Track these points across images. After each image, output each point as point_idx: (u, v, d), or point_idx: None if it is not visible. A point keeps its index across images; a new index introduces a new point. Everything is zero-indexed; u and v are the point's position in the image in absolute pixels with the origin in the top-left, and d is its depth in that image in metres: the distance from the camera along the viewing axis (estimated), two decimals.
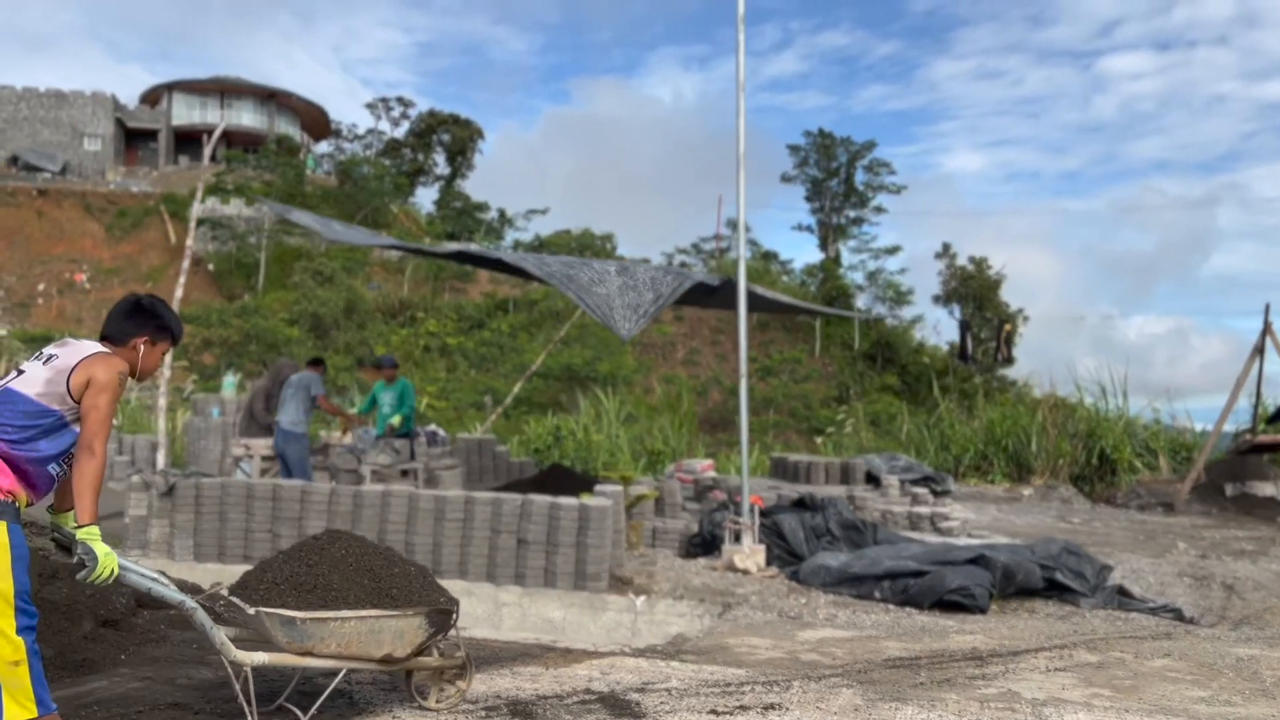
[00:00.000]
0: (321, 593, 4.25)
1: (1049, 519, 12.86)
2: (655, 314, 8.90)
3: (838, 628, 6.95)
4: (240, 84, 63.01)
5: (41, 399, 3.77)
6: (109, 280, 53.17)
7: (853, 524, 8.81)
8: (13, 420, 3.74)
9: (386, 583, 4.39)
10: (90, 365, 3.83)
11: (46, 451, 3.80)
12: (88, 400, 3.81)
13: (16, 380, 3.84)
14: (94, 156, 57.87)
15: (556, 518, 7.71)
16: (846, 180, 55.73)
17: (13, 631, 3.64)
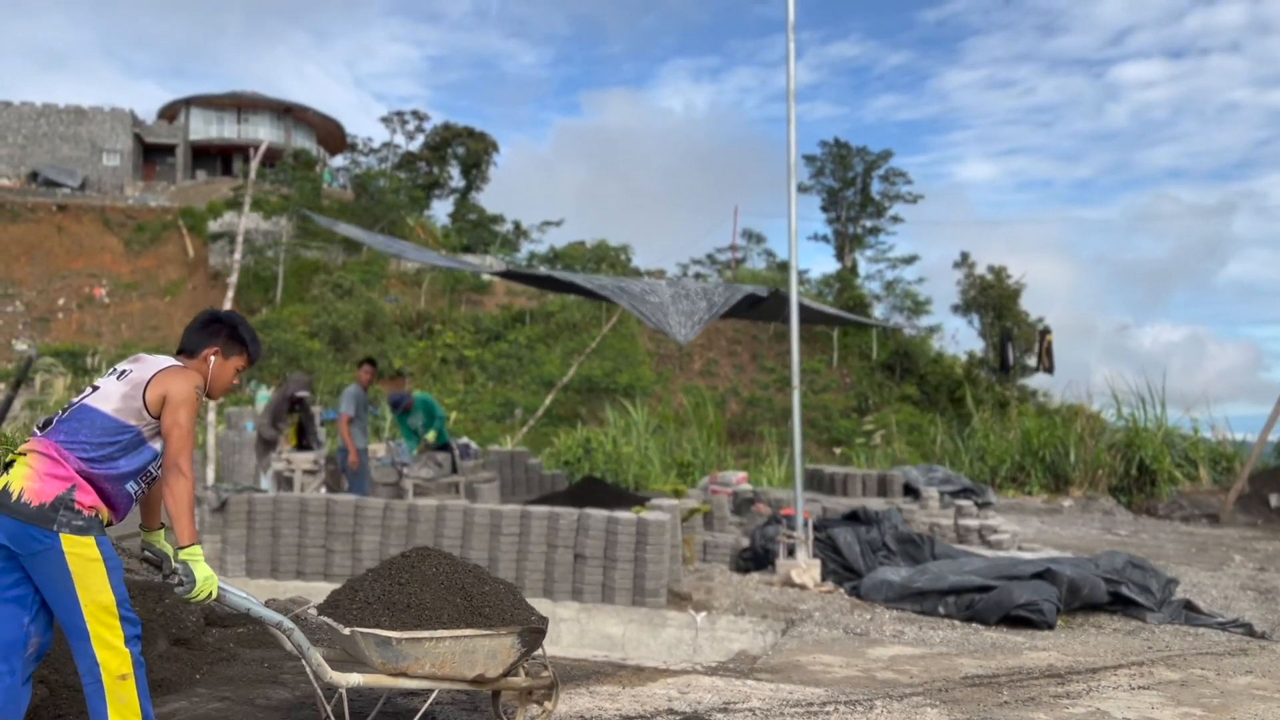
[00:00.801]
0: (415, 612, 4.16)
1: (1094, 531, 12.71)
2: (709, 321, 8.84)
3: (906, 644, 6.83)
4: (257, 99, 63.29)
5: (118, 415, 3.71)
6: (128, 295, 53.37)
7: (909, 538, 8.69)
8: (90, 438, 3.68)
9: (478, 601, 4.30)
10: (165, 379, 3.77)
11: (125, 469, 3.74)
12: (167, 417, 3.74)
13: (92, 397, 3.78)
14: (113, 172, 58.15)
15: (614, 532, 7.61)
16: (863, 190, 55.62)
17: (121, 642, 3.59)
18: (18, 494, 3.55)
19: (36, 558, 3.54)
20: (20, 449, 3.73)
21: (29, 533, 3.52)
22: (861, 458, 21.94)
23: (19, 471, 3.62)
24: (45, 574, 3.57)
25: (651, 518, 7.59)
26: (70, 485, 3.58)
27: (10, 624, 3.67)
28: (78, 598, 3.56)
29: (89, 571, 3.57)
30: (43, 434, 3.71)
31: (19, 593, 3.66)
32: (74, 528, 3.55)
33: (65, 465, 3.60)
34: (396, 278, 53.70)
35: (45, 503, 3.54)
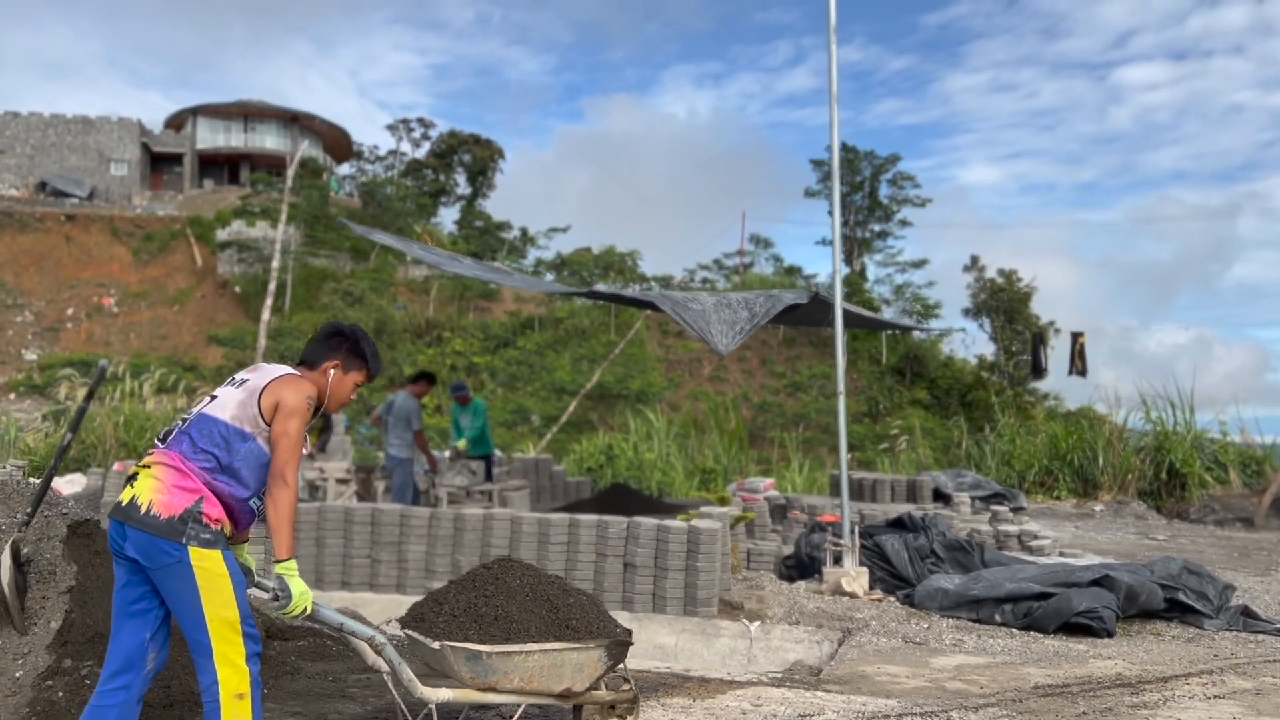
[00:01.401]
0: (503, 624, 4.07)
1: (1130, 535, 12.60)
2: (750, 331, 8.74)
3: (968, 653, 6.73)
4: (264, 107, 63.27)
5: (235, 422, 3.65)
6: (136, 304, 53.34)
7: (958, 545, 8.58)
8: (211, 446, 3.62)
9: (564, 613, 4.21)
10: (279, 387, 3.71)
11: (246, 484, 3.66)
12: (277, 425, 3.68)
13: (210, 405, 3.73)
14: (120, 181, 58.15)
15: (665, 541, 7.52)
16: (871, 194, 55.56)
17: (242, 660, 3.53)
18: (146, 507, 3.50)
19: (165, 571, 3.49)
20: (144, 461, 3.67)
21: (159, 546, 3.47)
22: (885, 463, 21.80)
23: (146, 484, 3.56)
24: (172, 588, 3.51)
25: (703, 525, 7.49)
26: (198, 497, 3.53)
27: (132, 638, 3.61)
28: (203, 612, 3.50)
29: (215, 586, 3.51)
30: (165, 445, 3.65)
31: (143, 607, 3.62)
32: (201, 541, 3.49)
33: (192, 477, 3.55)
34: (404, 285, 53.69)
35: (174, 515, 3.48)
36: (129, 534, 3.52)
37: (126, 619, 3.64)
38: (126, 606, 3.64)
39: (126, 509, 3.55)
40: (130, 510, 3.53)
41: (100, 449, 14.71)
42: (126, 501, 3.57)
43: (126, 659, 3.64)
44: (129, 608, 3.64)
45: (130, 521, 3.51)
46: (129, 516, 3.52)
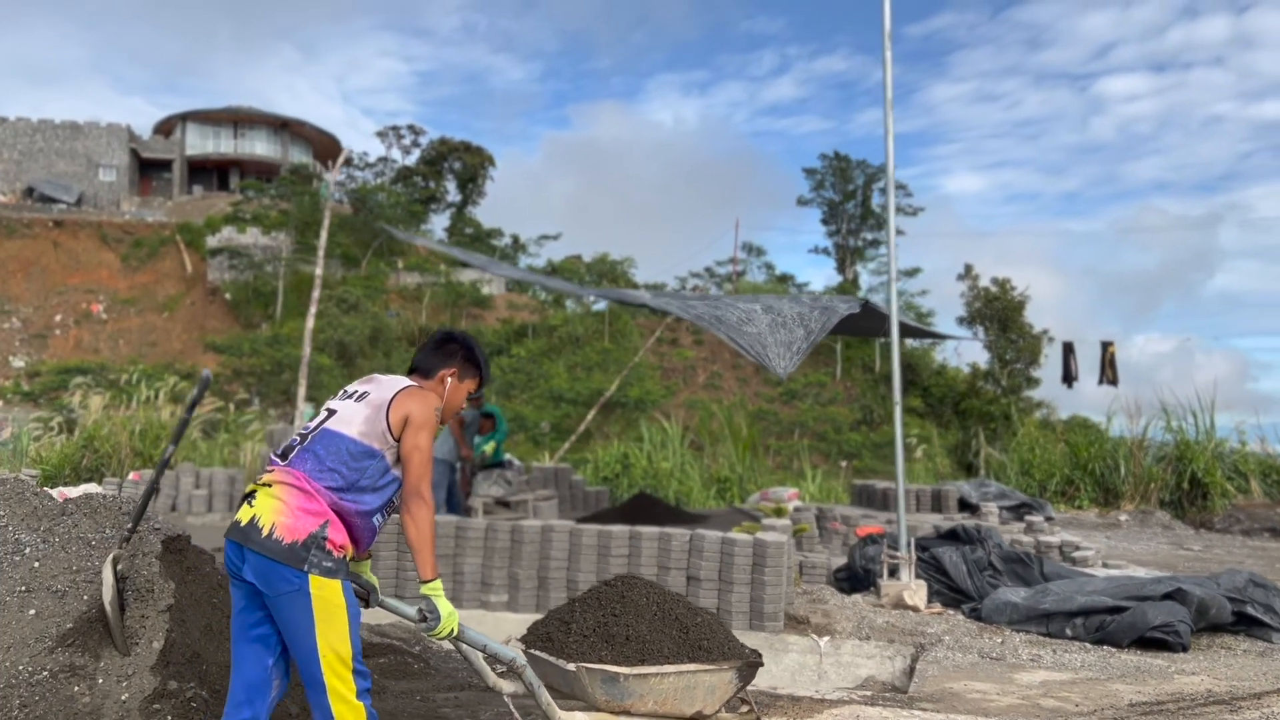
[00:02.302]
0: (635, 645, 3.93)
1: (1164, 546, 12.54)
2: (808, 350, 8.56)
3: (1047, 669, 6.61)
4: (253, 114, 62.96)
5: (364, 438, 3.48)
6: (125, 310, 52.90)
7: (1017, 557, 8.47)
8: (338, 465, 3.44)
9: (694, 633, 4.07)
10: (405, 401, 3.55)
11: (370, 500, 3.50)
12: (409, 440, 3.52)
13: (333, 421, 3.55)
14: (109, 187, 57.71)
15: (730, 554, 7.38)
16: (863, 203, 55.66)
17: (354, 695, 3.35)
18: (268, 529, 3.31)
19: (283, 599, 3.30)
20: (262, 479, 3.50)
21: (280, 572, 3.28)
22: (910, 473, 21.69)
23: (267, 504, 3.37)
24: (289, 616, 3.32)
25: (770, 539, 7.36)
26: (323, 521, 3.35)
27: (255, 665, 3.44)
28: (317, 645, 3.32)
29: (332, 618, 3.33)
30: (286, 463, 3.47)
31: (263, 632, 3.43)
32: (323, 569, 3.31)
33: (318, 499, 3.36)
34: (396, 292, 53.47)
35: (297, 540, 3.29)
36: (248, 557, 3.35)
37: (248, 645, 3.47)
38: (246, 631, 3.48)
39: (246, 530, 3.37)
40: (250, 532, 3.35)
41: (115, 458, 14.47)
42: (246, 522, 3.39)
43: (252, 688, 3.48)
44: (249, 632, 3.47)
45: (250, 544, 3.34)
46: (248, 539, 3.35)
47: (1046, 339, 46.81)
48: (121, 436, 14.53)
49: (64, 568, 4.55)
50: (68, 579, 4.51)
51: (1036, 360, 47.25)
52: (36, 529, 4.80)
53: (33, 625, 4.33)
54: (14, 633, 4.30)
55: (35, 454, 15.16)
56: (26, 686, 4.11)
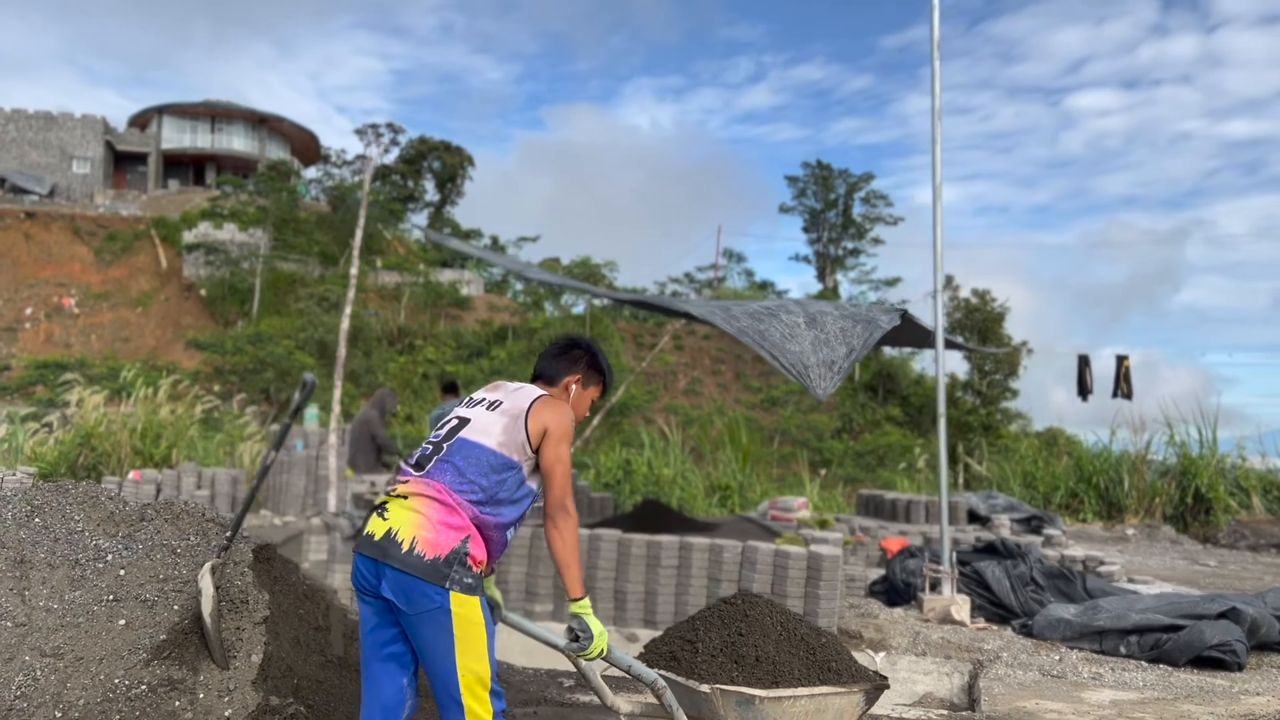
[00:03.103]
0: (766, 666, 3.81)
1: (1179, 561, 12.57)
2: (849, 369, 8.44)
3: (1111, 687, 6.56)
4: (231, 108, 62.29)
5: (503, 449, 3.35)
6: (98, 305, 52.15)
7: (1059, 573, 8.43)
8: (478, 477, 3.30)
9: (821, 654, 3.96)
10: (542, 411, 3.42)
11: (508, 514, 3.38)
12: (549, 452, 3.39)
13: (468, 430, 3.40)
14: (83, 179, 56.87)
15: (784, 567, 7.28)
16: (844, 212, 55.84)
17: (490, 717, 3.21)
18: (409, 544, 3.16)
19: (422, 616, 3.16)
20: (396, 490, 3.35)
21: (422, 589, 3.13)
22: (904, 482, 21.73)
23: (405, 517, 3.22)
24: (427, 635, 3.18)
25: (825, 552, 7.26)
26: (465, 536, 3.21)
27: (390, 684, 3.29)
28: (456, 664, 3.18)
29: (471, 636, 3.19)
30: (423, 473, 3.33)
31: (397, 650, 3.29)
32: (464, 586, 3.18)
33: (460, 512, 3.22)
34: (375, 291, 52.99)
35: (440, 556, 3.15)
36: (386, 573, 3.20)
37: (381, 664, 3.33)
38: (379, 650, 3.33)
39: (383, 545, 3.22)
40: (388, 547, 3.21)
41: (115, 457, 14.18)
42: (381, 536, 3.24)
43: (387, 709, 3.34)
44: (382, 651, 3.33)
45: (389, 559, 3.19)
46: (386, 554, 3.20)
47: (1025, 350, 47.22)
48: (121, 435, 14.23)
49: (151, 576, 4.38)
50: (155, 588, 4.34)
51: (1015, 371, 47.63)
52: (115, 535, 4.62)
53: (124, 636, 4.15)
54: (105, 644, 4.12)
55: (31, 451, 14.82)
56: (125, 701, 3.94)
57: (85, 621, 4.18)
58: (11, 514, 4.63)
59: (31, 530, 4.58)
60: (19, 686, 3.96)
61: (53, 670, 4.04)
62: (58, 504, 4.76)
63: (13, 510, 4.66)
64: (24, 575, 4.34)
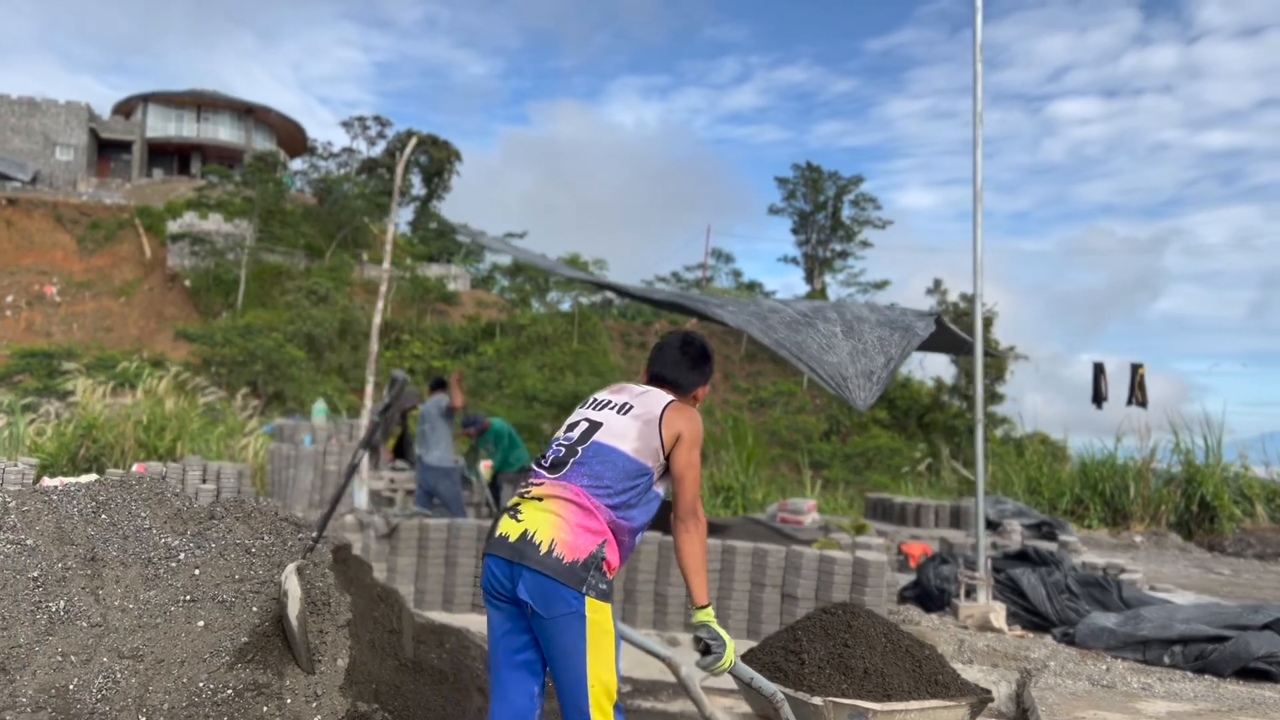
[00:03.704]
0: (874, 679, 3.73)
1: (1192, 570, 12.58)
2: (888, 380, 8.36)
3: (1162, 698, 6.51)
4: (217, 98, 61.75)
5: (638, 455, 3.27)
6: (80, 293, 51.59)
7: (1094, 581, 8.39)
8: (614, 482, 3.22)
9: (926, 667, 3.89)
10: (675, 418, 3.35)
11: (638, 520, 3.30)
12: (683, 458, 3.32)
13: (601, 434, 3.32)
14: (66, 166, 56.25)
15: (829, 572, 7.20)
16: (833, 214, 55.89)
17: None
18: (548, 546, 3.07)
19: (557, 621, 3.06)
20: (529, 492, 3.25)
21: (559, 593, 3.04)
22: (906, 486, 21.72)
23: (542, 519, 3.13)
24: (560, 641, 3.08)
25: (871, 558, 7.20)
26: (602, 541, 3.12)
27: (521, 693, 3.19)
28: (587, 674, 3.08)
29: (602, 645, 3.10)
30: (559, 476, 3.23)
31: (528, 657, 3.19)
32: (599, 592, 3.09)
33: (598, 516, 3.13)
34: (361, 285, 52.63)
35: (578, 560, 3.06)
36: (523, 575, 3.10)
37: (512, 671, 3.23)
38: (511, 656, 3.23)
39: (519, 546, 3.13)
40: (525, 548, 3.11)
41: (118, 448, 13.97)
42: (516, 537, 3.15)
43: (518, 716, 3.24)
44: (514, 657, 3.23)
45: (527, 561, 3.09)
46: (524, 555, 3.11)
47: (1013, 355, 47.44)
48: (125, 427, 14.02)
49: (226, 576, 4.26)
50: (231, 588, 4.22)
51: (1002, 376, 47.82)
52: (183, 533, 4.50)
53: (203, 638, 4.03)
54: (185, 646, 4.00)
55: (32, 442, 14.58)
56: (211, 705, 3.81)
57: (163, 623, 4.05)
58: (78, 510, 4.50)
59: (99, 527, 4.45)
60: (99, 689, 3.83)
61: (133, 672, 3.91)
62: (123, 500, 4.63)
63: (78, 506, 4.53)
64: (96, 574, 4.22)
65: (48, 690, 3.81)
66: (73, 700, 3.81)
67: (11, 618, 3.99)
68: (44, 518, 4.41)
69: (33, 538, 4.31)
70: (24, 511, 4.42)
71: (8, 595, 4.07)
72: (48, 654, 3.91)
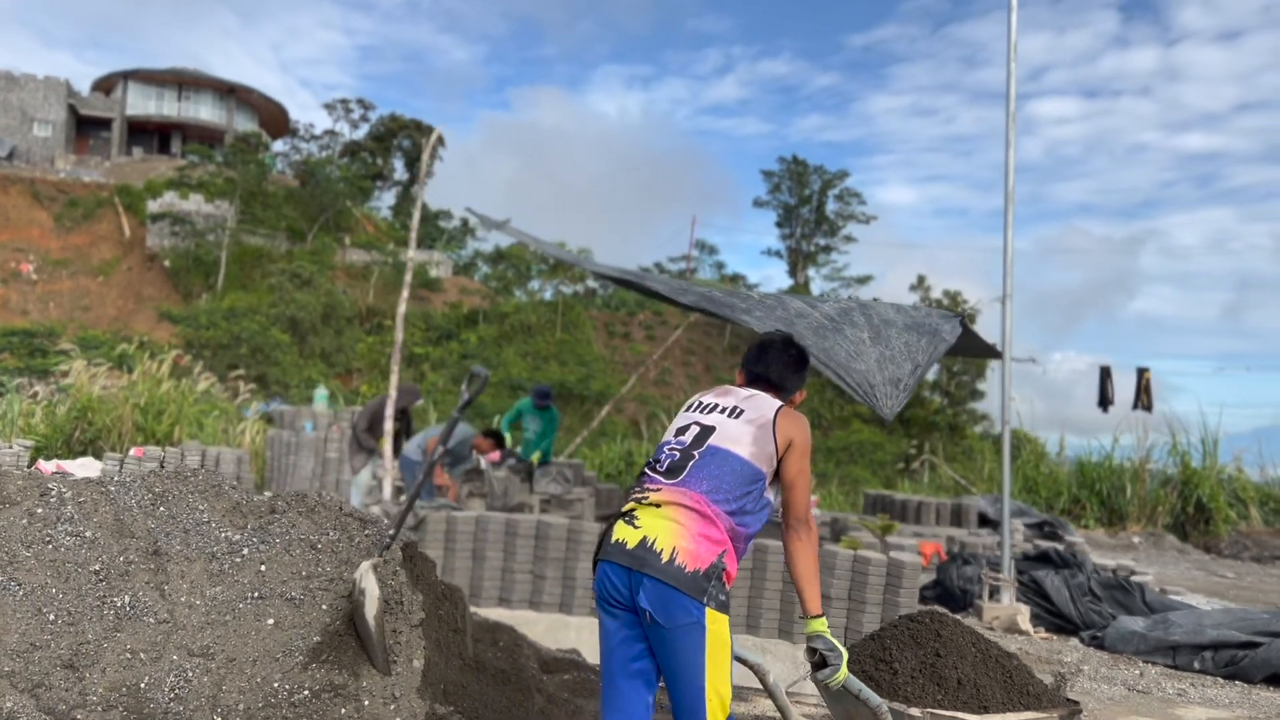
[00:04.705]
0: (969, 690, 3.67)
1: (1194, 571, 12.65)
2: (914, 387, 8.29)
3: (1198, 704, 6.52)
4: (199, 77, 61.02)
5: (754, 460, 3.19)
6: (57, 272, 50.93)
7: (1116, 584, 8.40)
8: (733, 488, 3.15)
9: (1017, 677, 3.83)
10: (787, 423, 3.27)
11: (753, 529, 3.23)
12: (795, 465, 3.25)
13: (716, 438, 3.24)
14: (44, 143, 55.45)
15: (863, 573, 7.16)
16: (818, 208, 55.90)
17: None
18: (669, 555, 2.98)
19: (678, 631, 2.98)
20: (647, 497, 3.15)
21: (681, 603, 2.96)
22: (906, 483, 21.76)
23: (660, 525, 3.04)
24: (678, 652, 3.00)
25: (906, 559, 7.16)
26: (722, 550, 3.05)
27: (636, 702, 3.11)
28: (705, 685, 3.01)
29: (721, 657, 3.04)
30: (676, 481, 3.14)
31: (644, 666, 3.11)
32: (719, 603, 3.02)
33: (718, 524, 3.06)
34: (344, 269, 52.22)
35: (700, 570, 2.98)
36: (645, 583, 3.01)
37: (628, 680, 3.14)
38: (626, 665, 3.14)
39: (639, 554, 3.04)
40: (646, 556, 3.02)
41: (116, 432, 13.76)
42: (635, 544, 3.06)
43: None
44: (629, 666, 3.14)
45: (648, 569, 3.01)
46: (645, 563, 3.02)
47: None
48: (123, 409, 13.79)
49: (293, 573, 4.16)
50: (299, 585, 4.12)
51: (982, 373, 48.01)
52: (243, 527, 4.40)
53: (274, 636, 3.94)
54: (256, 645, 3.90)
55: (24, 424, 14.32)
56: (288, 706, 3.72)
57: (232, 620, 3.96)
58: (135, 501, 4.39)
59: (159, 520, 4.34)
60: (171, 688, 3.73)
61: (204, 671, 3.81)
62: (179, 492, 4.52)
63: (135, 497, 4.41)
64: (160, 568, 4.11)
65: (118, 688, 3.71)
66: (145, 699, 3.70)
67: (77, 613, 3.87)
68: (102, 509, 4.29)
69: (91, 529, 4.20)
70: (80, 503, 4.30)
71: (71, 589, 3.96)
72: (116, 651, 3.81)
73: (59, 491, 4.33)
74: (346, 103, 67.14)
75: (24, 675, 3.70)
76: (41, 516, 4.20)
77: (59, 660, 3.76)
